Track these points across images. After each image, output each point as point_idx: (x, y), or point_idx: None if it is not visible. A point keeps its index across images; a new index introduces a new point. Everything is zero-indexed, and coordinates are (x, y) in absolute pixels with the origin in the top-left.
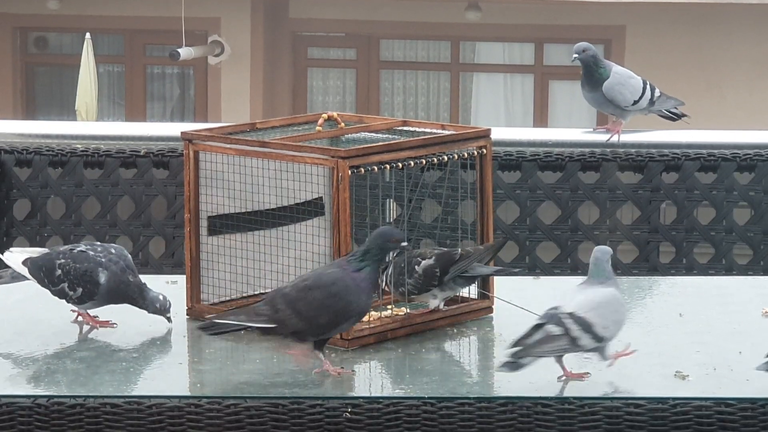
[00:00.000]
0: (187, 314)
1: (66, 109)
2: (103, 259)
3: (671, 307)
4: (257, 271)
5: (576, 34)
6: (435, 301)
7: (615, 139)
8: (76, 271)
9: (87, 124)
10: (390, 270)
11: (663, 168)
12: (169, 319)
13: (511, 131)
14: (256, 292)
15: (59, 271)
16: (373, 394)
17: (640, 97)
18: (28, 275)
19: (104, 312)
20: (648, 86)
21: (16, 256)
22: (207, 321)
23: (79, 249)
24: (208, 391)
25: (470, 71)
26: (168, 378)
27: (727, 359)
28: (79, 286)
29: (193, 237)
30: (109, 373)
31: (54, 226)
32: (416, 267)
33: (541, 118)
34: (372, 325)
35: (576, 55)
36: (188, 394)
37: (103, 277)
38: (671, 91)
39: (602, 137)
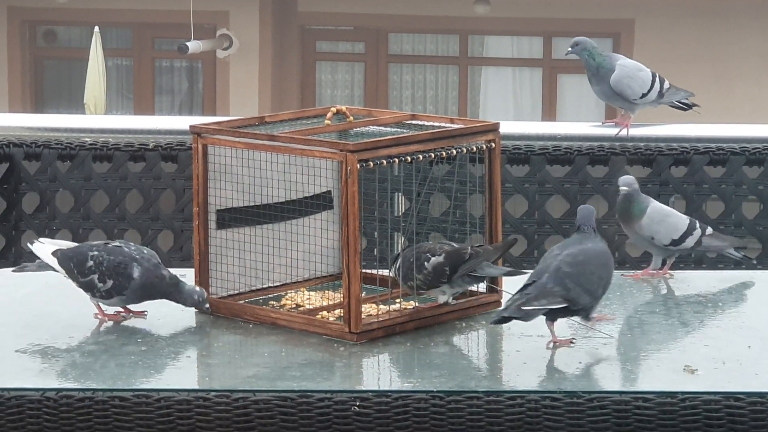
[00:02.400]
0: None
1: (74, 103)
2: (137, 255)
3: (680, 301)
4: (266, 265)
5: (585, 27)
6: (444, 297)
7: (624, 132)
8: (109, 263)
9: (96, 118)
10: (399, 263)
11: (672, 162)
12: (207, 310)
13: (520, 125)
14: (265, 286)
15: (91, 263)
16: (381, 388)
17: (649, 90)
18: (56, 266)
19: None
20: (657, 79)
21: (46, 247)
22: (506, 311)
23: (114, 244)
24: (216, 385)
25: (479, 65)
26: (176, 371)
27: (736, 353)
28: (110, 279)
29: (201, 230)
30: (117, 366)
31: (62, 220)
32: (425, 263)
33: (549, 112)
34: (380, 319)
35: (569, 49)
36: (197, 387)
37: (136, 272)
38: (680, 85)
39: (611, 131)
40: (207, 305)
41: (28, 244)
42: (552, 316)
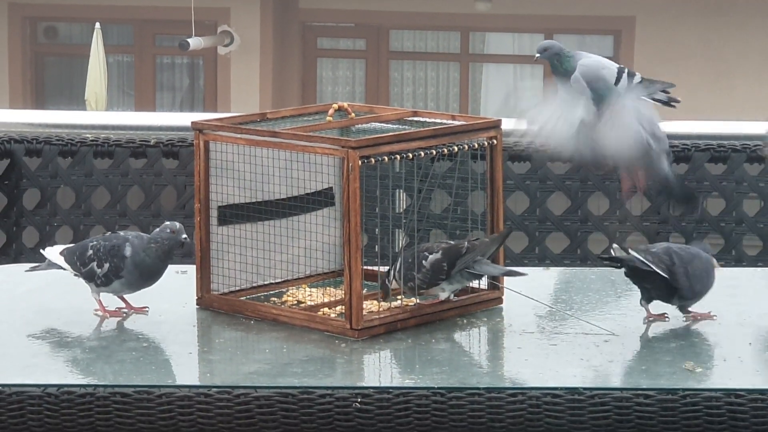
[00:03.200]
0: (197, 304)
1: (75, 99)
2: (130, 236)
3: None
4: (267, 261)
5: (586, 24)
6: (444, 294)
7: None
8: (104, 248)
9: (97, 114)
10: (398, 264)
11: (672, 159)
12: (186, 240)
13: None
14: (266, 282)
15: (90, 251)
16: (382, 384)
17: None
18: (63, 263)
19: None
20: (625, 74)
21: (55, 249)
22: (615, 253)
23: (114, 233)
24: (218, 381)
25: (480, 62)
26: (178, 367)
27: (736, 350)
28: (106, 262)
29: (203, 227)
30: (118, 362)
31: (64, 216)
32: (424, 261)
33: None
34: (382, 316)
35: (538, 56)
36: (198, 383)
37: (128, 250)
38: (681, 82)
39: None
40: (184, 235)
41: (41, 252)
42: (651, 293)
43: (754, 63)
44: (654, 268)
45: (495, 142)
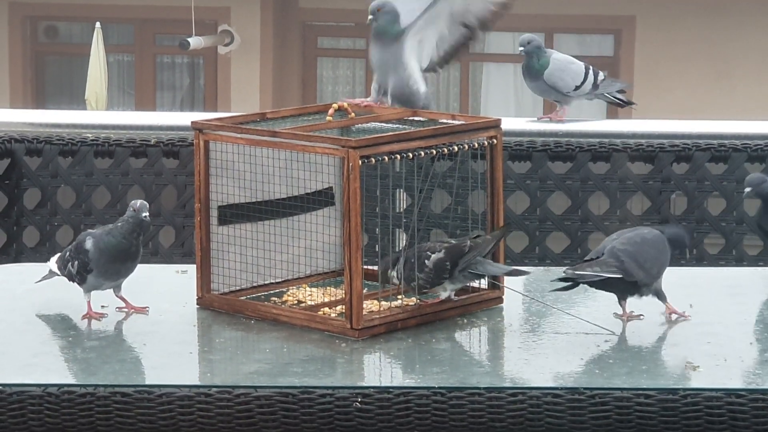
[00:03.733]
0: (197, 304)
1: (76, 99)
2: (93, 231)
3: (681, 298)
4: (267, 261)
5: (586, 24)
6: (445, 293)
7: (560, 127)
8: (73, 247)
9: (97, 114)
10: (400, 264)
11: (673, 158)
12: (147, 219)
13: (522, 121)
14: (266, 282)
15: (66, 254)
16: (383, 384)
17: (583, 82)
18: (56, 270)
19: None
20: (591, 71)
21: (54, 258)
22: (565, 275)
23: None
24: (218, 381)
25: (480, 61)
26: (178, 367)
27: (737, 350)
28: (75, 259)
29: (203, 226)
30: (119, 362)
31: (64, 216)
32: (426, 261)
33: (550, 109)
34: (382, 315)
35: (522, 48)
36: (198, 383)
37: (89, 243)
38: (682, 81)
39: (610, 128)
40: (144, 213)
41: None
42: (617, 290)
43: (754, 62)
44: (605, 275)
45: (495, 141)
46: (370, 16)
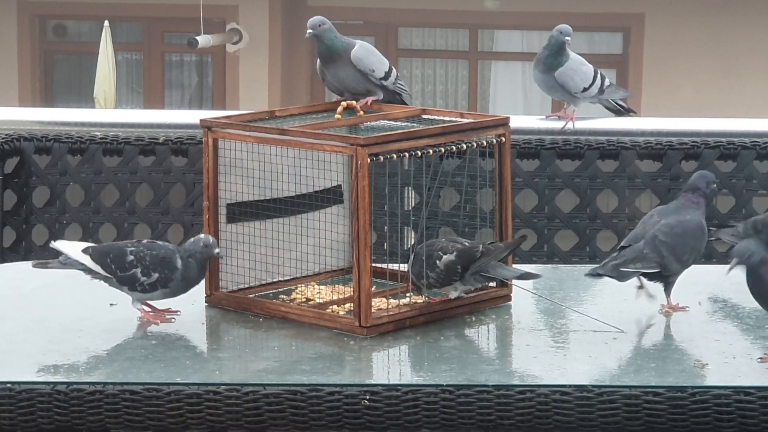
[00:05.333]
0: (205, 302)
1: (84, 97)
2: (174, 248)
3: (690, 296)
4: (276, 259)
5: (595, 22)
6: (455, 293)
7: (570, 126)
8: (153, 257)
9: (106, 112)
10: (411, 260)
11: (682, 156)
12: (219, 255)
13: (530, 119)
14: (275, 280)
15: (131, 257)
16: (391, 382)
17: (591, 85)
18: (90, 263)
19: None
20: (599, 75)
21: (72, 245)
22: (602, 269)
23: (146, 240)
24: (226, 379)
25: (489, 59)
26: (187, 365)
27: (746, 348)
28: (155, 272)
29: (211, 224)
30: (128, 360)
31: (73, 214)
32: (437, 261)
33: (559, 107)
34: (390, 313)
35: (568, 38)
36: (207, 381)
37: (179, 262)
38: (690, 79)
39: (619, 125)
40: (217, 249)
41: (52, 243)
42: (648, 277)
43: (762, 60)
44: (645, 271)
45: (504, 139)
46: (309, 31)
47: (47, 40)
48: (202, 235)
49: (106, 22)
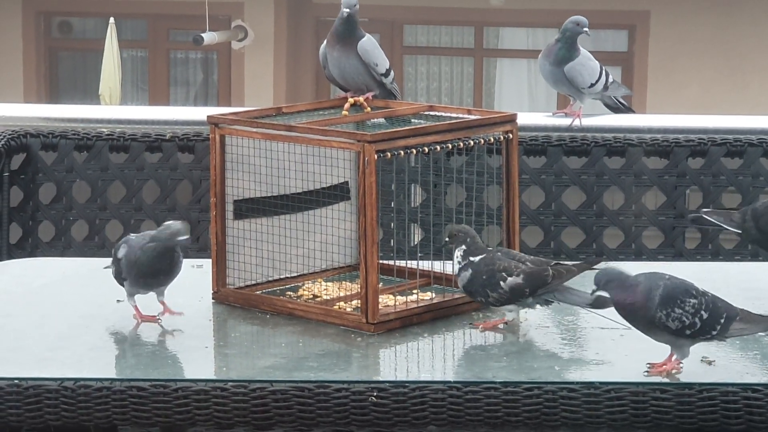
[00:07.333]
0: (212, 298)
1: (89, 94)
2: (131, 236)
3: None
4: (283, 255)
5: (600, 19)
6: (511, 314)
7: (577, 123)
8: (115, 249)
9: (112, 108)
10: (469, 275)
11: (689, 153)
12: (187, 241)
13: (537, 116)
14: (282, 276)
15: (115, 250)
16: (398, 378)
17: (597, 81)
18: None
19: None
20: (604, 71)
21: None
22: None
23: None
24: (233, 375)
25: (494, 56)
26: (194, 362)
27: (754, 345)
28: (113, 264)
29: (218, 221)
30: (135, 356)
31: (79, 210)
32: (501, 282)
33: (564, 104)
34: (397, 310)
35: (586, 30)
36: (214, 377)
37: (122, 251)
38: (696, 77)
39: (625, 122)
40: (182, 237)
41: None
42: None
43: None
44: (724, 227)
45: (511, 136)
46: (346, 9)
47: (52, 37)
48: (171, 222)
49: (112, 19)
